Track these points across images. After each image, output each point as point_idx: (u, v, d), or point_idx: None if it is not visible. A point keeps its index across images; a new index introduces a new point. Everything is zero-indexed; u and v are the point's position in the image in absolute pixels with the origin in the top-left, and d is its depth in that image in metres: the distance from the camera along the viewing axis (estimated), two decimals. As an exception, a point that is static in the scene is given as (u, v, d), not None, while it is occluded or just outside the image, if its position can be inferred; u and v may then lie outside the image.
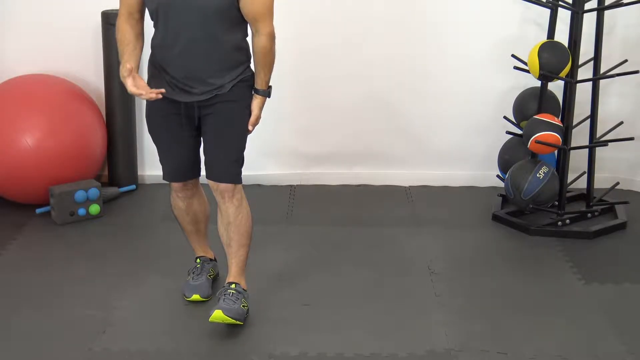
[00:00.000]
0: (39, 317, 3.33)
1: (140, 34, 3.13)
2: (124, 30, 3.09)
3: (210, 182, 3.24)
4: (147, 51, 3.18)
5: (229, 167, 3.20)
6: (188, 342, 3.16)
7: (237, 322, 3.16)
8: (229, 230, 3.26)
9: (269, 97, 3.20)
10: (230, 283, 3.26)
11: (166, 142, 3.26)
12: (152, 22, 3.10)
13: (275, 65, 3.14)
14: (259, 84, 3.17)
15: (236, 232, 3.25)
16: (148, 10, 3.08)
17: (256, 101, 3.18)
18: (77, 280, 3.64)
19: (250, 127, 3.19)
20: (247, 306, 3.25)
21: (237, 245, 3.27)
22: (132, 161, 4.68)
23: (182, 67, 3.08)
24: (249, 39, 3.16)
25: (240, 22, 3.08)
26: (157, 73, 3.14)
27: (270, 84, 3.18)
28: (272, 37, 3.09)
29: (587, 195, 4.33)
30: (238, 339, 3.18)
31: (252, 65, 3.17)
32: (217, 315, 3.13)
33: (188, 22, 2.99)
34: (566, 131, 4.11)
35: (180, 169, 3.30)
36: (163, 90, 2.99)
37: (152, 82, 3.14)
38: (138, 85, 2.97)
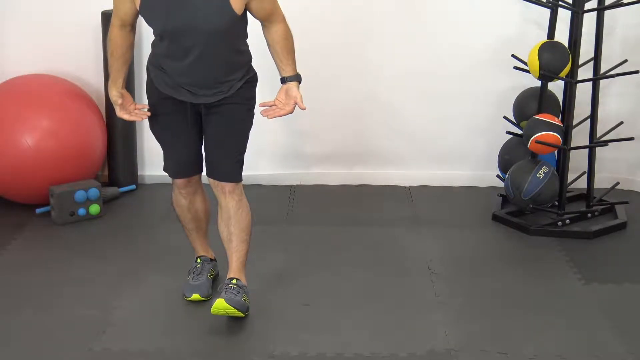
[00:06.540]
0: (39, 317, 3.33)
1: (132, 45, 3.17)
2: (116, 43, 3.13)
3: (211, 180, 3.25)
4: (146, 49, 3.19)
5: (231, 167, 3.21)
6: (188, 342, 3.16)
7: (239, 312, 3.15)
8: (229, 225, 3.26)
9: (300, 81, 3.21)
10: (231, 278, 3.26)
11: (170, 139, 3.26)
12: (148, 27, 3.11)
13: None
14: (289, 71, 3.18)
15: (237, 227, 3.25)
16: (152, 30, 3.07)
17: (290, 86, 3.18)
18: (77, 280, 3.64)
19: (302, 105, 3.20)
20: (248, 301, 3.25)
21: (238, 240, 3.27)
22: (132, 161, 4.68)
23: (188, 77, 3.10)
24: (249, 41, 3.17)
25: (242, 30, 3.11)
26: (161, 74, 3.15)
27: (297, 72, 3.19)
28: (286, 21, 3.13)
29: (587, 195, 4.33)
30: (238, 339, 3.18)
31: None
32: (219, 304, 3.12)
33: (194, 42, 3.00)
34: (566, 131, 4.11)
35: (184, 165, 3.30)
36: (148, 113, 3.19)
37: (155, 82, 3.17)
38: (127, 109, 3.18)
